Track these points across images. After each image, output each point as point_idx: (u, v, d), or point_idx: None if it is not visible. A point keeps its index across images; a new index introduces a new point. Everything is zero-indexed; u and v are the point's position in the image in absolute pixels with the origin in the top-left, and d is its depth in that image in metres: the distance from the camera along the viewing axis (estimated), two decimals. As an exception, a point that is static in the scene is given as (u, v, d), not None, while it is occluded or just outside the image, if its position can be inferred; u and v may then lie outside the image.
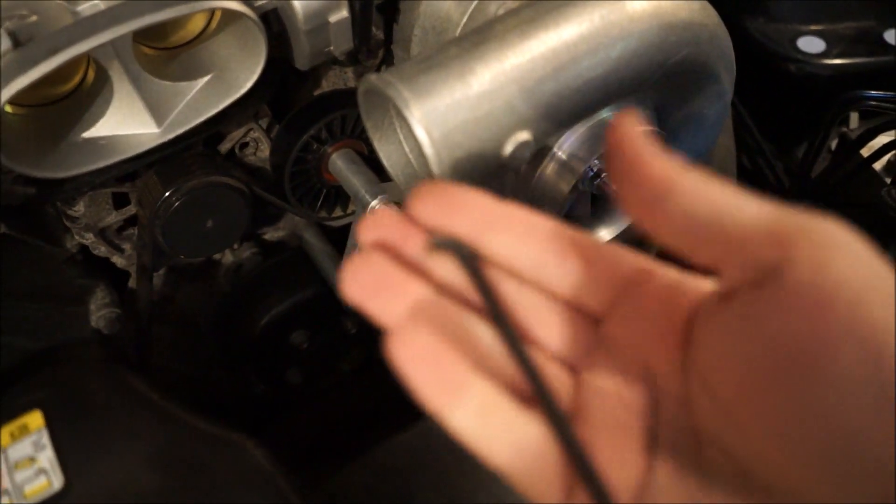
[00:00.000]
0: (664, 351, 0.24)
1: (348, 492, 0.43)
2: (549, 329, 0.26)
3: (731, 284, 0.22)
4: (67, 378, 0.43)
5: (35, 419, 0.38)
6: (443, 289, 0.25)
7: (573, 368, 0.26)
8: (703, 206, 0.22)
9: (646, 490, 0.24)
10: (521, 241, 0.26)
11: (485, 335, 0.25)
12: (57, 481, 0.36)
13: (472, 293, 0.25)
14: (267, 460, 0.39)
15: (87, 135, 0.47)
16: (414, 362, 0.23)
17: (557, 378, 0.25)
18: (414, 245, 0.25)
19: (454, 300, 0.25)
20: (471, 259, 0.25)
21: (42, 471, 0.36)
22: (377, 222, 0.26)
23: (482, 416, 0.23)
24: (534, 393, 0.24)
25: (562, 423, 0.23)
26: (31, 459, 0.36)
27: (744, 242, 0.21)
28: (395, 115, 0.46)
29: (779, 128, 0.82)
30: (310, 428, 0.73)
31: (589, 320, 0.26)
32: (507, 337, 0.24)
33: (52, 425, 0.37)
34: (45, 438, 0.37)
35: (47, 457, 0.36)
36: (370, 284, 0.25)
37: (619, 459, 0.24)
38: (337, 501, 0.42)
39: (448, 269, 0.25)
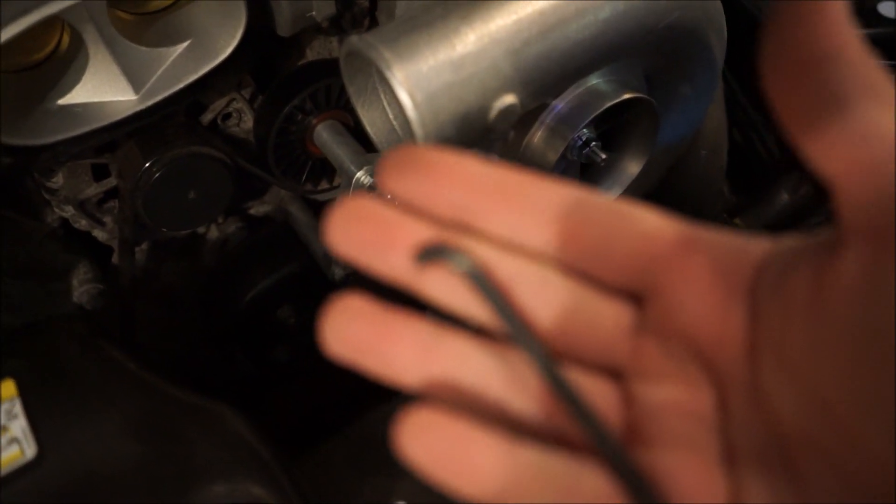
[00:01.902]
0: (724, 331, 0.20)
1: (330, 462, 0.42)
2: (581, 333, 0.21)
3: (849, 223, 0.17)
4: (42, 348, 0.42)
5: (8, 388, 0.37)
6: (441, 308, 0.21)
7: (617, 374, 0.22)
8: (860, 84, 0.17)
9: None
10: (526, 216, 0.21)
11: (498, 370, 0.21)
12: (30, 450, 0.35)
13: (474, 309, 0.21)
14: (247, 429, 0.38)
15: (62, 101, 0.46)
16: (442, 464, 0.19)
17: (602, 397, 0.21)
18: (401, 251, 0.21)
19: (458, 331, 0.21)
20: (478, 273, 0.21)
21: (14, 440, 0.35)
22: (350, 216, 0.21)
23: (541, 491, 0.20)
24: (587, 438, 0.20)
25: (624, 468, 0.20)
26: (4, 429, 0.36)
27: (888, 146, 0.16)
28: (378, 80, 0.45)
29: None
30: (298, 402, 0.73)
31: (628, 305, 0.22)
32: (548, 373, 0.20)
33: (25, 394, 0.36)
34: (18, 407, 0.36)
35: (20, 426, 0.35)
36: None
37: (701, 487, 0.20)
38: (318, 471, 0.42)
39: (443, 284, 0.21)
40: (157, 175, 0.53)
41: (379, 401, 0.54)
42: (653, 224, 0.21)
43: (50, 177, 0.55)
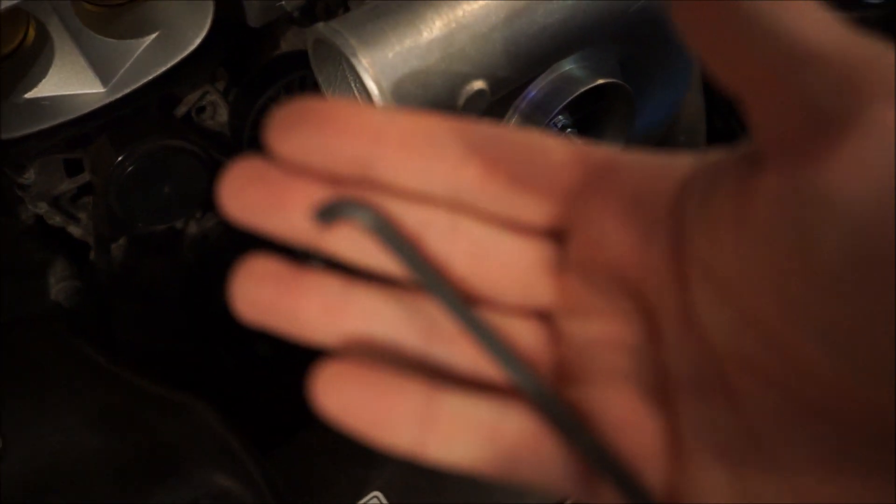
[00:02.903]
0: (648, 257, 0.19)
1: (307, 452, 0.42)
2: (499, 276, 0.20)
3: (766, 141, 0.17)
4: (8, 345, 0.42)
5: (-30, 384, 0.36)
6: (348, 267, 0.21)
7: (545, 315, 0.21)
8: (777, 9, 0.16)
9: (677, 447, 0.19)
10: (434, 162, 0.20)
11: (414, 321, 0.20)
12: (-8, 446, 0.35)
13: (384, 262, 0.20)
14: (216, 421, 0.38)
15: (29, 95, 0.46)
16: (358, 415, 0.19)
17: (529, 337, 0.21)
18: (298, 211, 0.20)
19: (369, 285, 0.20)
20: (382, 224, 0.20)
21: (-24, 435, 0.35)
22: (240, 179, 0.20)
23: (462, 437, 0.19)
24: (509, 379, 0.20)
25: (549, 404, 0.19)
26: (-35, 424, 0.35)
27: (813, 69, 0.15)
28: (347, 67, 0.44)
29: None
30: (281, 396, 0.72)
31: (549, 243, 0.21)
32: (462, 318, 0.20)
33: (-13, 389, 0.36)
34: (-20, 403, 0.36)
35: (-18, 421, 0.35)
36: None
37: (634, 420, 0.19)
38: (294, 461, 0.42)
39: (347, 240, 0.20)
40: (130, 169, 0.53)
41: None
42: (566, 154, 0.20)
43: (21, 173, 0.55)
